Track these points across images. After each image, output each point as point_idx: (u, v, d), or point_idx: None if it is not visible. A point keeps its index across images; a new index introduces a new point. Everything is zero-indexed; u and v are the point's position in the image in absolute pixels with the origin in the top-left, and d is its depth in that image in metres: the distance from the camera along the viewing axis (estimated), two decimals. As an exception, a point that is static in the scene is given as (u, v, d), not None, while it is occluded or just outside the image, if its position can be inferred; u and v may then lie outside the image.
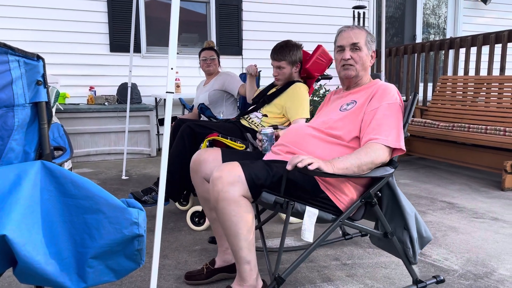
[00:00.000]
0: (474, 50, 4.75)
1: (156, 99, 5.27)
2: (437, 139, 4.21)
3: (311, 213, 1.50)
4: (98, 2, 5.01)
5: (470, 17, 7.19)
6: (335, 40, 1.81)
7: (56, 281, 1.01)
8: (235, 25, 5.69)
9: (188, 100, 3.91)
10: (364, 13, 5.79)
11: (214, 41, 5.58)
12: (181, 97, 3.94)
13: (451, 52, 5.82)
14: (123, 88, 4.92)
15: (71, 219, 1.05)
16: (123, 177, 3.86)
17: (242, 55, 5.76)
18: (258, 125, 2.58)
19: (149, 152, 4.91)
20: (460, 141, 3.91)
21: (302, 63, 2.64)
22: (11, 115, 1.01)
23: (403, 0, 6.91)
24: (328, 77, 2.84)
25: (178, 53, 5.30)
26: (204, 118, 3.08)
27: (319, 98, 5.53)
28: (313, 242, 1.54)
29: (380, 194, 1.66)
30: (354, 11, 5.74)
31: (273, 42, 2.98)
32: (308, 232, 1.46)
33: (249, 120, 2.63)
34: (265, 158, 1.77)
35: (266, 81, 3.07)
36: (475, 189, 3.46)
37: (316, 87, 5.62)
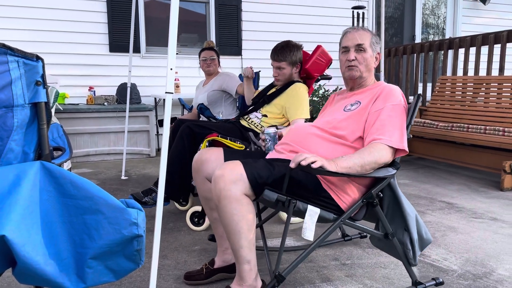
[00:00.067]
0: (473, 50, 4.75)
1: (155, 99, 5.27)
2: (436, 139, 4.21)
3: (312, 212, 1.50)
4: (98, 2, 5.01)
5: (469, 18, 7.20)
6: (340, 41, 1.82)
7: (55, 282, 1.01)
8: (234, 25, 5.69)
9: (187, 100, 3.91)
10: (363, 13, 5.79)
11: (213, 41, 5.59)
12: (181, 97, 3.93)
13: (450, 52, 5.82)
14: (122, 88, 4.91)
15: (70, 219, 1.05)
16: (123, 177, 3.86)
17: (241, 55, 5.76)
18: (257, 126, 2.58)
19: (148, 152, 4.91)
20: (459, 141, 3.91)
21: (302, 63, 2.64)
22: (10, 116, 1.01)
23: (402, 0, 6.91)
24: (328, 77, 2.84)
25: (177, 53, 5.30)
26: (203, 118, 3.08)
27: (318, 99, 5.53)
28: (313, 241, 1.54)
29: (381, 195, 1.66)
30: (353, 11, 5.74)
31: (272, 42, 2.98)
32: (309, 231, 1.47)
33: (249, 120, 2.63)
34: (269, 157, 1.78)
35: (266, 81, 3.07)
36: (474, 189, 3.47)
37: (316, 87, 5.62)
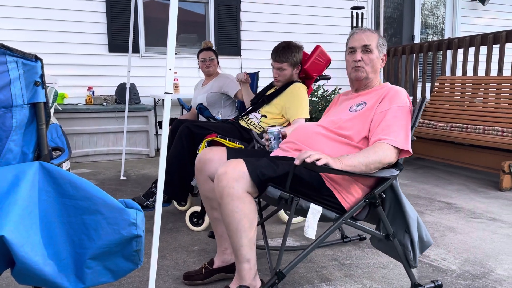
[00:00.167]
0: (472, 50, 4.75)
1: (154, 99, 5.27)
2: (435, 139, 4.22)
3: (315, 210, 1.50)
4: (97, 2, 5.00)
5: (468, 18, 7.21)
6: (346, 42, 1.83)
7: (54, 282, 1.01)
8: (233, 25, 5.69)
9: (186, 101, 3.91)
10: (362, 13, 5.79)
11: (212, 42, 5.59)
12: (180, 98, 3.93)
13: (449, 53, 5.82)
14: (121, 88, 4.91)
15: (69, 220, 1.05)
16: (122, 177, 3.86)
17: (240, 55, 5.76)
18: (257, 126, 2.58)
19: (147, 152, 4.91)
20: (458, 142, 3.91)
21: (302, 64, 2.64)
22: (9, 116, 1.01)
23: (401, 0, 6.92)
24: (327, 78, 2.84)
25: (176, 53, 5.30)
26: (202, 118, 3.08)
27: (318, 99, 5.54)
28: (314, 240, 1.55)
29: (384, 196, 1.66)
30: (352, 11, 5.74)
31: (271, 43, 2.98)
32: (311, 229, 1.47)
33: (248, 120, 2.63)
34: (273, 155, 1.78)
35: (265, 81, 3.07)
36: (473, 189, 3.47)
37: (315, 88, 5.62)
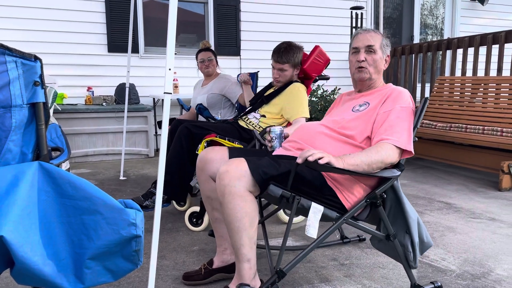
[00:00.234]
0: (471, 50, 4.76)
1: (154, 99, 5.26)
2: (434, 139, 4.22)
3: (316, 209, 1.50)
4: (96, 3, 5.00)
5: (468, 18, 7.21)
6: (350, 43, 1.84)
7: (54, 282, 1.01)
8: (233, 25, 5.69)
9: (186, 101, 3.91)
10: (362, 13, 5.79)
11: (211, 42, 5.59)
12: (179, 98, 3.93)
13: (449, 53, 5.84)
14: (121, 88, 4.91)
15: (68, 220, 1.04)
16: (121, 177, 3.86)
17: (240, 55, 5.76)
18: (256, 126, 2.58)
19: (147, 152, 4.91)
20: (458, 142, 3.92)
21: (301, 64, 2.64)
22: (9, 116, 1.01)
23: (400, 0, 6.92)
24: (326, 78, 2.84)
25: (176, 53, 5.30)
26: (201, 118, 3.07)
27: (317, 99, 5.54)
28: (315, 239, 1.55)
29: (385, 196, 1.66)
30: (352, 11, 5.74)
31: (271, 43, 2.99)
32: (313, 228, 1.47)
33: (247, 120, 2.63)
34: (275, 153, 1.78)
35: (264, 81, 3.07)
36: (472, 190, 3.47)
37: (314, 88, 5.62)
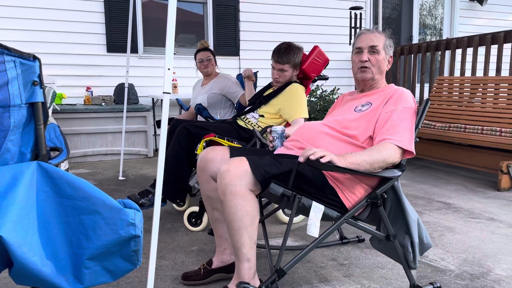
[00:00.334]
0: (470, 51, 4.76)
1: (153, 99, 5.26)
2: (433, 139, 4.22)
3: (317, 208, 1.50)
4: (95, 3, 5.00)
5: (466, 18, 7.22)
6: (353, 43, 1.84)
7: (52, 282, 1.01)
8: (232, 25, 5.69)
9: (185, 101, 3.91)
10: (361, 14, 5.79)
11: (210, 42, 5.59)
12: (178, 98, 3.93)
13: (448, 53, 5.84)
14: (120, 88, 4.90)
15: (67, 220, 1.04)
16: (120, 177, 3.85)
17: (239, 55, 5.75)
18: (254, 126, 2.58)
19: (146, 152, 4.90)
20: (457, 142, 3.92)
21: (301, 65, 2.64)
22: (7, 116, 1.00)
23: (399, 1, 6.93)
24: (325, 78, 2.84)
25: (175, 53, 5.30)
26: (200, 118, 3.07)
27: (316, 99, 5.54)
28: (315, 238, 1.55)
29: (385, 196, 1.66)
30: (351, 12, 5.74)
31: (270, 43, 2.99)
32: (314, 227, 1.47)
33: (246, 120, 2.63)
34: (277, 153, 1.78)
35: (263, 82, 3.07)
36: (471, 190, 3.47)
37: (313, 88, 5.62)
